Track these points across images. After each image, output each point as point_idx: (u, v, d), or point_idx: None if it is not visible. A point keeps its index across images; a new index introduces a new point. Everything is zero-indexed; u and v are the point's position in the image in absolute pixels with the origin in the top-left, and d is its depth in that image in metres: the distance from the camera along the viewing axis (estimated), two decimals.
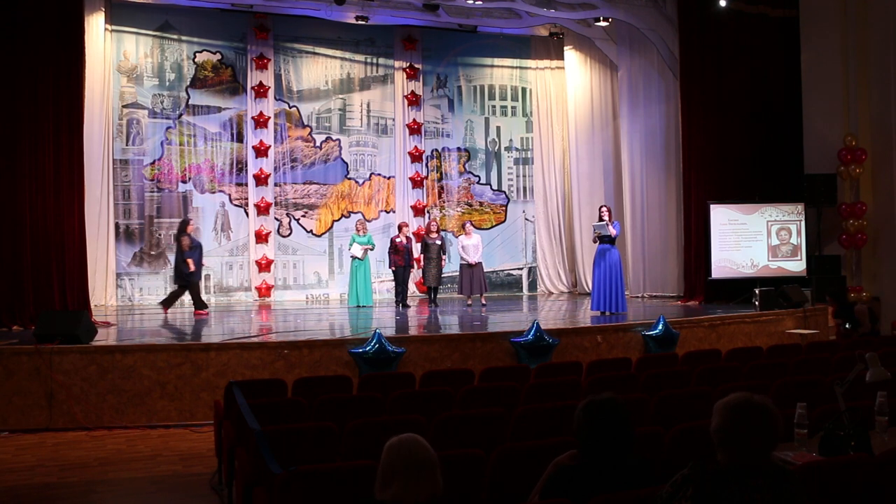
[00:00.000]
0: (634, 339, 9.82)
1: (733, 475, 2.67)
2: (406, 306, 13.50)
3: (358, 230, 13.73)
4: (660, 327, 9.87)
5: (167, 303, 12.68)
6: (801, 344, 8.69)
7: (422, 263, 14.11)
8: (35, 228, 10.76)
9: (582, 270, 16.30)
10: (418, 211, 16.31)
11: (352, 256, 13.60)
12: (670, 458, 4.02)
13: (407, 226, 14.34)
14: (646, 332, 9.86)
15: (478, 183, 16.90)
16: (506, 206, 17.05)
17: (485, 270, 14.03)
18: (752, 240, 13.38)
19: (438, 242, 13.86)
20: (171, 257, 14.26)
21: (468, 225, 14.22)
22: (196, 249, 12.50)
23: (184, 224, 12.74)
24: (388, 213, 16.15)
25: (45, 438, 7.59)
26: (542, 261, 16.96)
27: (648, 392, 5.61)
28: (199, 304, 12.56)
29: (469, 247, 13.65)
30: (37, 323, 8.80)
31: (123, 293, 14.41)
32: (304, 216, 15.66)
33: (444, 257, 14.06)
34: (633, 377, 6.42)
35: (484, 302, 13.67)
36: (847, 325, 10.46)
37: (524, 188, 17.17)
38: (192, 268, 12.29)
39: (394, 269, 13.82)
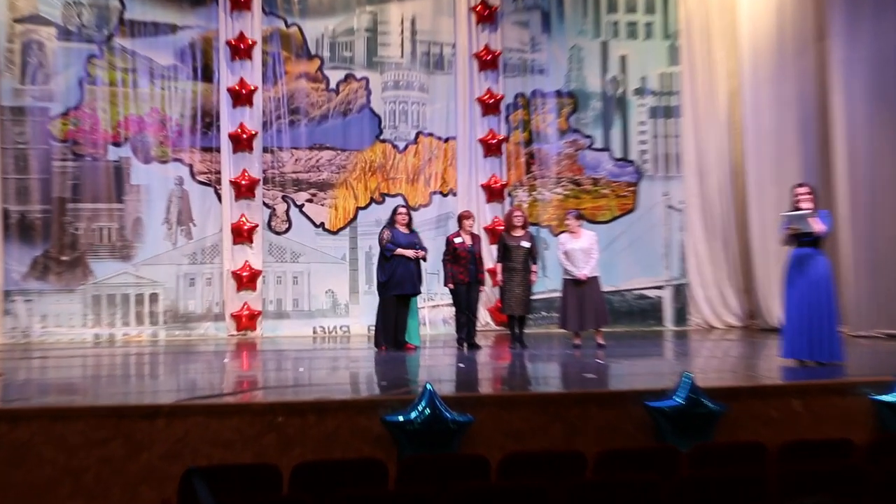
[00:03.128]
0: (858, 407, 8.12)
1: None
2: (474, 346, 11.05)
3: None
4: None
5: None
6: None
7: (499, 278, 11.15)
8: None
9: (765, 291, 12.94)
10: (494, 194, 13.27)
11: None
12: None
13: (472, 217, 11.39)
14: (878, 397, 8.28)
15: (589, 147, 13.55)
16: (636, 184, 13.63)
17: (603, 290, 11.19)
18: None
19: (526, 245, 10.99)
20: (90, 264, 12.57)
21: (572, 217, 11.12)
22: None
23: (395, 213, 11.51)
24: (444, 196, 13.27)
25: None
26: (698, 275, 13.59)
27: (885, 497, 5.08)
28: None
29: (577, 252, 10.88)
30: None
31: (14, 323, 12.01)
32: (310, 201, 12.99)
33: (535, 268, 10.97)
34: (859, 470, 5.34)
35: (601, 341, 11.09)
36: None
37: (666, 156, 13.64)
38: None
39: (453, 286, 11.08)
